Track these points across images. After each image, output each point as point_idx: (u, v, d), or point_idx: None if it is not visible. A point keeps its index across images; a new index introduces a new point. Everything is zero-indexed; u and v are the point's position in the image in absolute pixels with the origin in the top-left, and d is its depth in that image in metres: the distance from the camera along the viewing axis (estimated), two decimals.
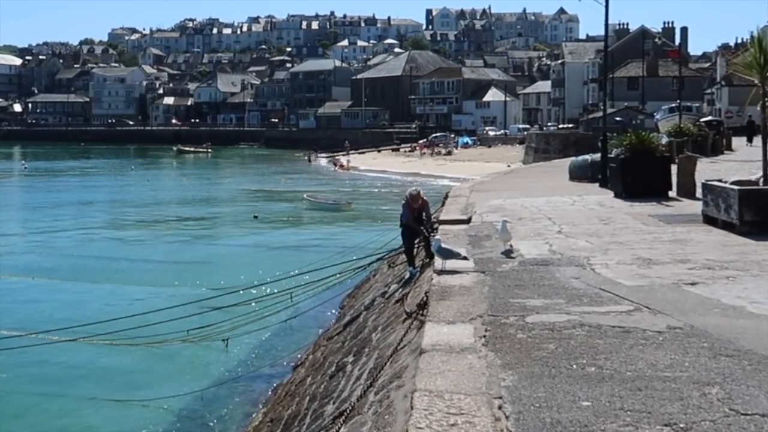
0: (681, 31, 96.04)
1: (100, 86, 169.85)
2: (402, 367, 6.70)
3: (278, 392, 12.30)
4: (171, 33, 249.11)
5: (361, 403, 6.76)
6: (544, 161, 43.41)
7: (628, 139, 16.45)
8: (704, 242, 10.46)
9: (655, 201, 15.09)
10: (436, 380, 5.10)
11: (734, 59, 72.71)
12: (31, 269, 24.10)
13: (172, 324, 15.96)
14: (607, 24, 20.94)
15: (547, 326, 6.32)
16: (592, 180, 19.98)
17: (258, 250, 28.34)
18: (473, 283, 8.17)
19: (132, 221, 37.43)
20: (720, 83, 71.31)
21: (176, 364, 14.93)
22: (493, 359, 5.52)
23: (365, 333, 10.98)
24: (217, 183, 62.12)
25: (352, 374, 8.95)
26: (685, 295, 7.42)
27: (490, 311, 6.88)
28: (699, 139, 28.32)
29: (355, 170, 71.49)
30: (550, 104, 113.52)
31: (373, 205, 42.25)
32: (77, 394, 13.32)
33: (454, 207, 16.01)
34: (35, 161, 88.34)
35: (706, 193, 12.09)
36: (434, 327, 6.45)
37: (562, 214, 13.93)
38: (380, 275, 17.44)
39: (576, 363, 5.38)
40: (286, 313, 16.43)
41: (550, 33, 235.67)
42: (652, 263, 9.03)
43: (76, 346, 15.54)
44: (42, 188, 56.99)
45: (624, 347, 5.72)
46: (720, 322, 6.37)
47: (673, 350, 5.63)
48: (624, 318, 6.55)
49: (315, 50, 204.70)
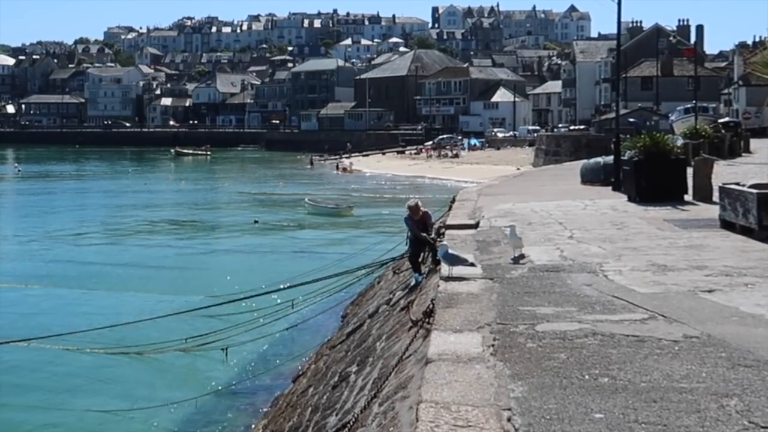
0: (697, 29, 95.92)
1: (95, 87, 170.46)
2: (407, 378, 6.69)
3: (279, 403, 12.29)
4: (168, 32, 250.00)
5: (364, 414, 6.74)
6: (555, 164, 43.39)
7: (642, 141, 16.41)
8: (721, 248, 10.43)
9: (671, 205, 15.05)
10: (443, 391, 5.09)
11: (752, 58, 72.42)
12: (24, 276, 24.14)
13: (169, 332, 16.01)
14: (619, 22, 20.92)
15: (558, 335, 6.30)
16: (605, 183, 19.95)
17: (258, 256, 28.38)
18: (481, 290, 8.15)
19: (128, 226, 37.49)
20: (737, 83, 71.25)
21: (174, 373, 14.94)
22: (502, 369, 5.50)
23: (369, 342, 10.97)
24: (217, 187, 62.23)
25: (355, 385, 8.93)
26: (701, 302, 7.39)
27: (498, 319, 6.86)
28: (716, 141, 28.26)
29: (359, 173, 71.56)
30: (560, 105, 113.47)
31: (377, 209, 42.25)
32: (70, 405, 13.33)
33: (462, 211, 16.00)
34: (29, 164, 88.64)
35: (724, 196, 12.06)
36: (441, 336, 6.44)
37: (573, 218, 13.90)
38: (385, 282, 17.43)
39: (588, 373, 5.36)
40: (288, 321, 16.44)
41: (561, 31, 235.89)
42: (667, 270, 9.00)
43: (70, 354, 15.57)
44: (36, 192, 57.15)
45: (638, 357, 5.70)
46: (738, 331, 6.34)
47: (689, 360, 5.61)
48: (638, 327, 6.53)
49: (317, 49, 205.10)
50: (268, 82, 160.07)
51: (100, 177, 72.79)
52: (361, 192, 53.55)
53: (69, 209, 44.76)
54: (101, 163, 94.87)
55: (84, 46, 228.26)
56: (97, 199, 51.92)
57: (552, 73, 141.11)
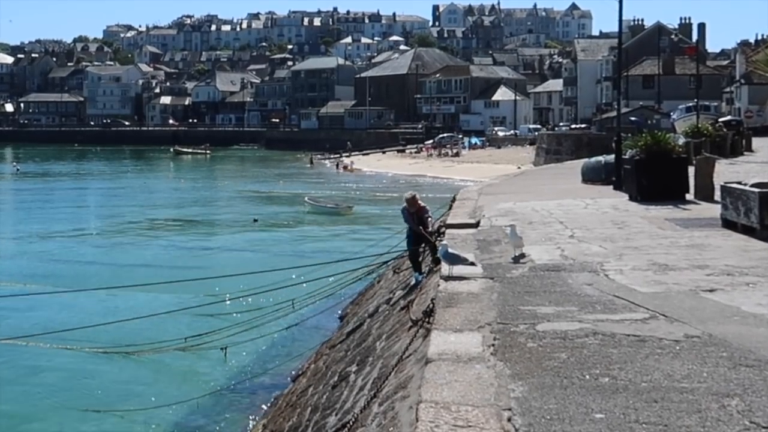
0: (698, 27, 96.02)
1: (94, 85, 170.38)
2: (407, 377, 6.69)
3: (279, 403, 12.30)
4: (168, 30, 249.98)
5: (364, 414, 6.74)
6: (556, 163, 43.38)
7: (644, 139, 16.41)
8: (723, 247, 10.43)
9: (672, 204, 15.06)
10: (443, 391, 5.09)
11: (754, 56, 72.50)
12: (22, 275, 24.14)
13: (168, 332, 16.02)
14: (621, 20, 20.91)
15: (559, 335, 6.30)
16: (606, 182, 19.95)
17: (258, 255, 28.36)
18: (481, 289, 8.15)
19: (127, 225, 37.49)
20: (739, 81, 71.20)
21: (173, 373, 14.94)
22: (502, 369, 5.50)
23: (369, 341, 10.97)
24: (216, 185, 62.26)
25: (355, 384, 8.93)
26: (703, 302, 7.39)
27: (499, 319, 6.86)
28: (717, 140, 28.26)
29: (359, 172, 71.56)
30: (561, 103, 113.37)
31: (378, 208, 42.27)
32: (67, 404, 13.32)
33: (462, 210, 15.99)
34: (28, 163, 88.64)
35: (725, 196, 12.06)
36: (441, 335, 6.44)
37: (574, 217, 13.91)
38: (385, 281, 17.43)
39: (589, 373, 5.36)
40: (287, 320, 16.43)
41: (562, 29, 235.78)
42: (668, 269, 9.01)
43: (68, 354, 15.58)
44: (35, 191, 57.15)
45: (639, 357, 5.70)
46: (740, 331, 6.34)
47: (690, 360, 5.61)
48: (639, 326, 6.53)
49: (317, 48, 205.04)
50: (267, 81, 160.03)
51: (99, 176, 72.77)
52: (361, 191, 53.57)
53: (68, 208, 44.75)
54: (100, 162, 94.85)
55: (83, 44, 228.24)
56: (96, 199, 51.96)
57: (553, 72, 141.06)
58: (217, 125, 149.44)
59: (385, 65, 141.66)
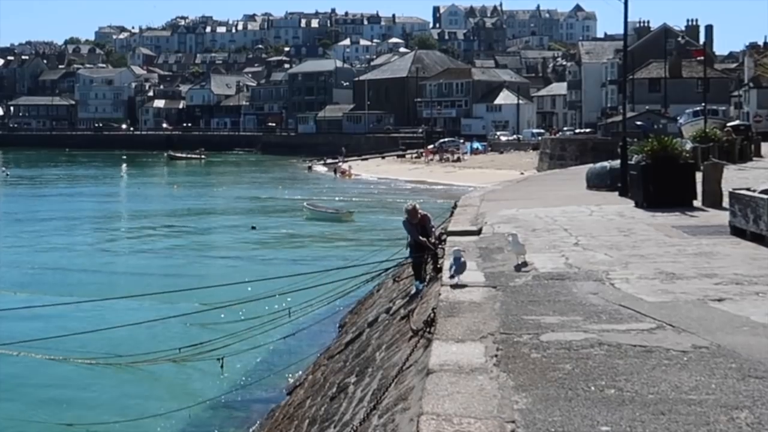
0: (706, 30, 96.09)
1: (86, 88, 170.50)
2: (408, 389, 6.70)
3: (276, 415, 12.29)
4: (161, 32, 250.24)
5: (364, 427, 6.75)
6: (560, 168, 43.45)
7: (650, 144, 16.43)
8: (732, 255, 10.45)
9: (679, 211, 15.07)
10: (444, 403, 5.10)
11: (763, 59, 72.76)
12: (11, 283, 24.13)
13: (163, 342, 16.00)
14: (626, 22, 20.98)
15: (564, 345, 6.31)
16: (611, 189, 19.96)
17: (255, 262, 28.38)
18: (484, 298, 8.17)
19: (120, 232, 37.51)
20: (748, 85, 71.42)
21: (168, 384, 14.94)
22: (506, 380, 5.51)
23: (368, 352, 10.98)
24: (212, 191, 62.26)
25: (354, 396, 8.94)
26: (711, 312, 7.41)
27: (502, 329, 6.87)
28: (726, 145, 28.30)
29: (358, 178, 71.61)
30: (565, 107, 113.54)
31: (377, 215, 42.30)
32: (58, 417, 13.27)
33: (464, 217, 16.02)
34: (17, 168, 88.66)
35: (734, 202, 12.08)
36: (442, 345, 6.45)
37: (579, 225, 13.93)
38: (384, 290, 17.44)
39: (594, 385, 5.37)
40: (285, 330, 16.42)
41: (566, 31, 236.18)
42: (675, 278, 9.02)
43: (59, 364, 15.55)
44: (25, 197, 57.15)
45: (646, 368, 5.71)
46: (749, 341, 6.36)
47: (698, 371, 5.62)
48: (646, 336, 6.54)
49: (315, 50, 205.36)
50: (264, 84, 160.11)
51: (90, 181, 72.76)
52: (359, 197, 53.58)
53: (59, 215, 44.70)
54: (92, 167, 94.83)
55: (74, 46, 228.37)
56: (88, 205, 51.90)
57: (557, 75, 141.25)
58: (211, 129, 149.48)
59: (384, 68, 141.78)
